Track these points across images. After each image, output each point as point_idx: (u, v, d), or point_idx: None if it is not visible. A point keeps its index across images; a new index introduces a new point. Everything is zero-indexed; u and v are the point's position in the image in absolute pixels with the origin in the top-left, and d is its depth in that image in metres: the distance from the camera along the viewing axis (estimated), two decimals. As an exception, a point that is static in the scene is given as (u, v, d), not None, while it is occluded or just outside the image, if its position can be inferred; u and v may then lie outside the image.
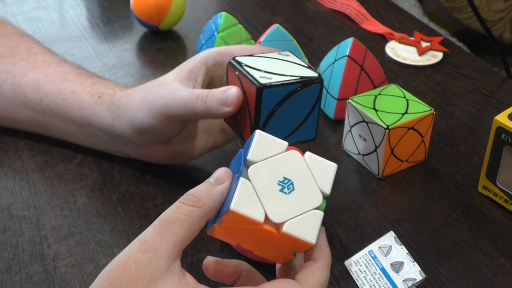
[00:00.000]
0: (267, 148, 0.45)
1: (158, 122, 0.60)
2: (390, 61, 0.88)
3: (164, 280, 0.42)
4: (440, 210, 0.65)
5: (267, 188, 0.44)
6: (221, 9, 1.00)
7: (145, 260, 0.42)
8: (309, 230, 0.44)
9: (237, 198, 0.43)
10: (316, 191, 0.45)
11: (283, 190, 0.44)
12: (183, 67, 0.61)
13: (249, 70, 0.56)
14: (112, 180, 0.67)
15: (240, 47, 0.63)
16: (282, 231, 0.43)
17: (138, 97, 0.62)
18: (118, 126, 0.64)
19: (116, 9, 1.00)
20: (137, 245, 0.43)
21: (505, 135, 0.62)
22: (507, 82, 0.85)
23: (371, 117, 0.66)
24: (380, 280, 0.53)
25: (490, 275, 0.58)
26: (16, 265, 0.58)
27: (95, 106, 0.65)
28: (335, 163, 0.46)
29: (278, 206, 0.44)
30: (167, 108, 0.59)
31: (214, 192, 0.45)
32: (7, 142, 0.72)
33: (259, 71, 0.56)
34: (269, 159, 0.45)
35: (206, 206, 0.44)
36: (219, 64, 0.62)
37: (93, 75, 0.69)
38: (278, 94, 0.55)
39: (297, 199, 0.44)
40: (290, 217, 0.44)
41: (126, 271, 0.42)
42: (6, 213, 0.63)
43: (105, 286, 0.42)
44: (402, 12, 1.01)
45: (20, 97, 0.68)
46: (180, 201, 0.44)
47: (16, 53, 0.70)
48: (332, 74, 0.74)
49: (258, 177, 0.44)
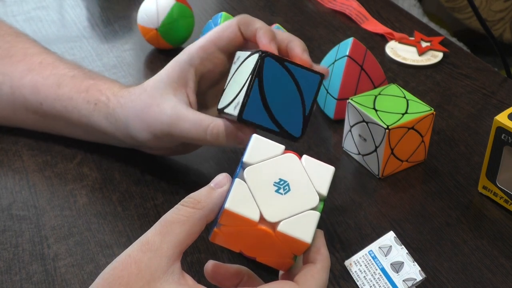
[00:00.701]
0: (263, 151, 0.46)
1: (159, 140, 0.61)
2: (390, 61, 0.88)
3: (164, 279, 0.42)
4: (440, 210, 0.65)
5: (263, 189, 0.44)
6: (221, 9, 1.00)
7: (146, 260, 0.42)
8: (305, 230, 0.44)
9: (231, 198, 0.43)
10: (313, 192, 0.45)
11: (278, 191, 0.44)
12: (171, 75, 0.60)
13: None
14: (112, 180, 0.67)
15: (216, 31, 0.61)
16: (277, 230, 0.43)
17: (134, 115, 0.61)
18: (120, 135, 0.64)
19: (116, 9, 1.00)
20: (138, 246, 0.43)
21: (505, 135, 0.62)
22: (507, 82, 0.85)
23: (371, 117, 0.66)
24: (380, 280, 0.53)
25: (490, 275, 0.58)
26: (16, 265, 0.58)
27: (93, 114, 0.64)
28: (333, 166, 0.47)
29: (274, 206, 0.44)
30: (170, 132, 0.59)
31: (213, 195, 0.45)
32: (7, 142, 0.72)
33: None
34: (265, 161, 0.45)
35: (206, 208, 0.45)
36: (206, 58, 0.61)
37: (88, 76, 0.67)
38: (273, 69, 0.55)
39: (293, 200, 0.44)
40: (285, 216, 0.44)
41: (126, 270, 0.42)
42: (6, 213, 0.63)
43: (105, 285, 0.42)
44: (402, 12, 1.01)
45: (20, 100, 0.68)
46: (181, 204, 0.45)
47: (12, 54, 0.70)
48: (332, 74, 0.74)
49: (253, 178, 0.44)
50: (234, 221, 0.44)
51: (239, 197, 0.43)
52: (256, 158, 0.45)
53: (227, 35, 0.60)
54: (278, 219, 0.44)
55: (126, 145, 0.68)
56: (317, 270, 0.45)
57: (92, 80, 0.66)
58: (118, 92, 0.64)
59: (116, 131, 0.64)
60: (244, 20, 0.60)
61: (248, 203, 0.43)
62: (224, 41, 0.60)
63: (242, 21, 0.60)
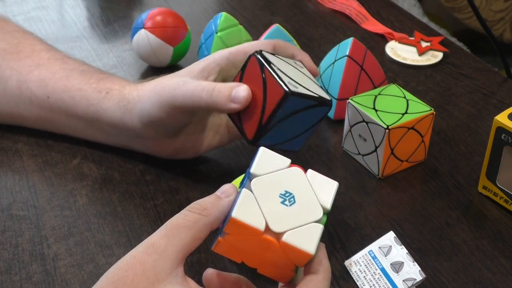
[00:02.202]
0: (270, 163, 0.47)
1: (165, 113, 0.61)
2: (390, 61, 0.88)
3: (168, 281, 0.42)
4: (440, 210, 0.65)
5: (269, 200, 0.45)
6: (221, 9, 0.99)
7: (151, 261, 0.43)
8: (309, 241, 0.44)
9: (239, 207, 0.44)
10: (317, 205, 0.46)
11: (284, 202, 0.45)
12: (195, 66, 0.62)
13: (278, 71, 0.57)
14: (112, 180, 0.67)
15: (252, 44, 0.63)
16: (282, 240, 0.44)
17: (148, 89, 0.63)
18: (127, 120, 0.64)
19: (116, 9, 1.00)
20: (143, 247, 0.44)
21: (505, 135, 0.62)
22: (507, 82, 0.85)
23: (371, 117, 0.66)
24: (380, 280, 0.53)
25: (490, 275, 0.58)
26: (16, 265, 0.58)
27: (103, 101, 0.65)
28: (337, 182, 0.48)
29: (279, 217, 0.44)
30: (174, 98, 0.60)
31: (220, 203, 0.46)
32: (7, 142, 0.72)
33: (286, 76, 0.57)
34: (272, 173, 0.46)
35: (212, 216, 0.45)
36: (233, 63, 0.62)
37: (98, 71, 0.69)
38: (299, 104, 0.56)
39: (298, 212, 0.45)
40: (290, 227, 0.44)
41: (131, 270, 0.42)
42: (6, 213, 0.63)
43: (109, 284, 0.42)
44: (402, 12, 1.01)
45: (26, 94, 0.68)
46: (187, 209, 0.45)
47: (20, 50, 0.71)
48: (332, 74, 0.74)
49: (260, 189, 0.45)
50: (239, 229, 0.44)
51: (246, 206, 0.44)
52: (263, 170, 0.46)
53: (257, 47, 0.62)
54: (283, 230, 0.44)
55: (127, 141, 0.68)
56: (318, 280, 0.45)
57: (103, 75, 0.68)
58: (134, 82, 0.66)
59: (123, 115, 0.64)
60: (281, 43, 0.64)
61: (255, 213, 0.44)
62: None
63: (279, 43, 0.63)
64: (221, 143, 0.68)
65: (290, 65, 0.61)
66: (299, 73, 0.61)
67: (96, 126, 0.67)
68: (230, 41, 0.77)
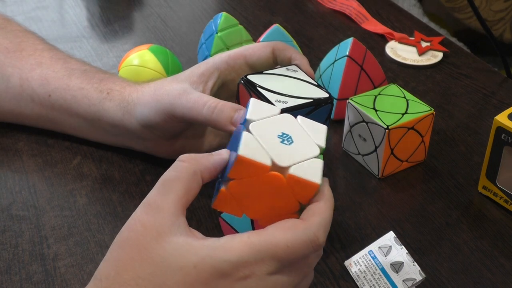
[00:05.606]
0: (262, 111, 0.49)
1: (163, 120, 0.62)
2: (390, 61, 0.88)
3: (171, 233, 0.43)
4: (440, 210, 0.65)
5: (269, 140, 0.46)
6: (221, 9, 0.99)
7: (150, 219, 0.44)
8: (314, 173, 0.46)
9: (243, 146, 0.45)
10: (313, 144, 0.48)
11: (283, 142, 0.47)
12: (195, 70, 0.63)
13: (263, 92, 0.59)
14: (112, 180, 0.67)
15: (250, 47, 0.64)
16: (289, 173, 0.45)
17: (148, 93, 0.63)
18: (127, 122, 0.65)
19: (116, 9, 1.00)
20: (141, 209, 0.45)
21: (505, 135, 0.62)
22: (507, 82, 0.85)
23: (371, 117, 0.66)
24: (380, 280, 0.53)
25: (490, 275, 0.58)
26: (16, 265, 0.58)
27: (104, 102, 0.65)
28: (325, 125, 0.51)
29: (282, 154, 0.46)
30: (173, 107, 0.60)
31: (211, 157, 0.47)
32: (7, 142, 0.72)
33: (274, 93, 0.59)
34: (267, 119, 0.48)
35: (202, 164, 0.46)
36: (232, 67, 0.63)
37: (100, 71, 0.69)
38: (295, 115, 0.56)
39: (297, 149, 0.47)
40: (294, 162, 0.46)
41: (133, 231, 0.44)
42: (6, 213, 0.63)
43: (116, 248, 0.44)
44: (402, 12, 1.01)
45: (28, 92, 0.69)
46: (178, 159, 0.47)
47: (23, 48, 0.71)
48: (332, 74, 0.74)
49: (259, 131, 0.47)
50: (246, 169, 0.45)
51: (250, 145, 0.45)
52: (258, 116, 0.48)
53: (259, 54, 0.63)
54: (289, 164, 0.46)
55: (127, 142, 0.68)
56: (321, 206, 0.46)
57: (105, 75, 0.69)
58: (135, 83, 0.66)
59: (123, 116, 0.64)
60: (280, 45, 0.64)
61: (259, 150, 0.45)
62: (254, 58, 0.63)
63: (278, 46, 0.63)
64: (222, 145, 0.68)
65: (279, 76, 0.61)
66: (290, 81, 0.61)
67: (97, 125, 0.67)
68: (230, 41, 0.77)
